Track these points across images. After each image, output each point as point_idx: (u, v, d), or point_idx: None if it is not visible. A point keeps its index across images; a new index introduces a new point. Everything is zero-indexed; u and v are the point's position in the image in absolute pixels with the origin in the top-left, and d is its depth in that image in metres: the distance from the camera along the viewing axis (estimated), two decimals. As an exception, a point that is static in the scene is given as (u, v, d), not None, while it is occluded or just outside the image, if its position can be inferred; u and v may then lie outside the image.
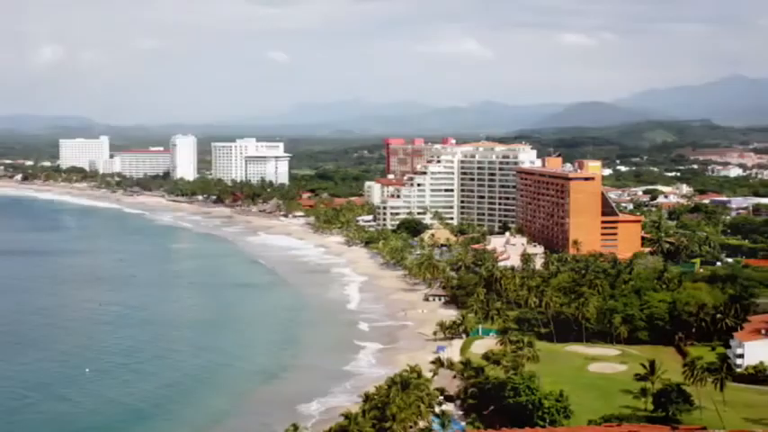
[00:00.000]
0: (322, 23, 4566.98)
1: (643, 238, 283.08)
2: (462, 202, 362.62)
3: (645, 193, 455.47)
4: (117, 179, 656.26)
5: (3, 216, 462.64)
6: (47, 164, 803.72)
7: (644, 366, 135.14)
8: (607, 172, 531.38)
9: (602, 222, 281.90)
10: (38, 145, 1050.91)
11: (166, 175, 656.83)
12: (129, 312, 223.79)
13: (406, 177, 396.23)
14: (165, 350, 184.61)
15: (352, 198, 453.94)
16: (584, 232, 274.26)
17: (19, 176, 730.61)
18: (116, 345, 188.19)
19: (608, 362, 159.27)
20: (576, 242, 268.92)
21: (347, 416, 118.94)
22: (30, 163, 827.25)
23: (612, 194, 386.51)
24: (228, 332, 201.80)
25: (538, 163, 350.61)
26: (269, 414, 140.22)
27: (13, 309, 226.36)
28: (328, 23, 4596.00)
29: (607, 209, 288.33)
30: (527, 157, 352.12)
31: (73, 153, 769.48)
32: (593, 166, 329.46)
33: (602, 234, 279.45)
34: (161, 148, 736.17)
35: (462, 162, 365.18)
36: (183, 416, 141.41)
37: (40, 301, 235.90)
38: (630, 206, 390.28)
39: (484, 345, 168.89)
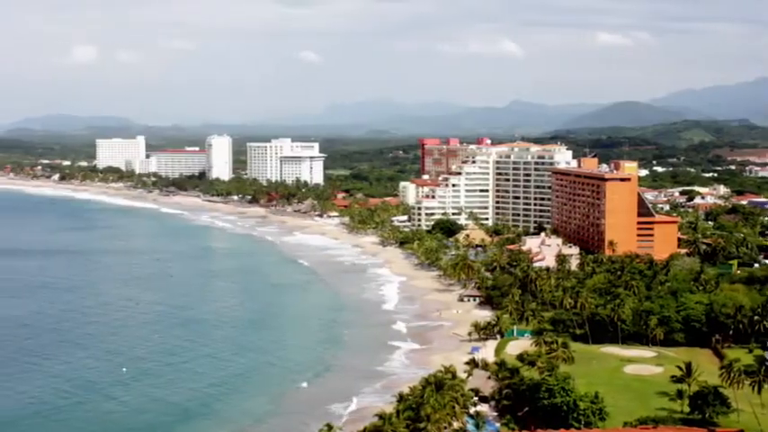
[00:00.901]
0: (352, 23, 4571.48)
1: (679, 240, 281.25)
2: (497, 202, 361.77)
3: (681, 193, 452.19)
4: (153, 179, 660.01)
5: (41, 216, 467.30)
6: (84, 164, 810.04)
7: (680, 368, 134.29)
8: (643, 172, 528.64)
9: (639, 223, 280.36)
10: (75, 145, 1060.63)
11: (202, 175, 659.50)
12: (169, 311, 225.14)
13: (441, 178, 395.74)
14: (205, 349, 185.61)
15: (387, 198, 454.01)
16: (620, 233, 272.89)
17: (56, 176, 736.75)
18: (158, 344, 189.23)
19: (644, 364, 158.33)
20: (611, 243, 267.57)
21: (381, 416, 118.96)
22: (67, 163, 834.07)
23: (649, 195, 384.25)
24: (266, 331, 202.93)
25: (573, 163, 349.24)
26: (304, 413, 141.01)
27: (54, 308, 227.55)
28: (359, 23, 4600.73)
29: (643, 210, 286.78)
30: (562, 158, 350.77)
31: (110, 153, 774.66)
32: (630, 167, 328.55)
33: (639, 235, 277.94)
34: (197, 149, 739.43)
35: (497, 162, 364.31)
36: (226, 415, 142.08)
37: (80, 301, 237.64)
38: (667, 207, 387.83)
39: (518, 346, 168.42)
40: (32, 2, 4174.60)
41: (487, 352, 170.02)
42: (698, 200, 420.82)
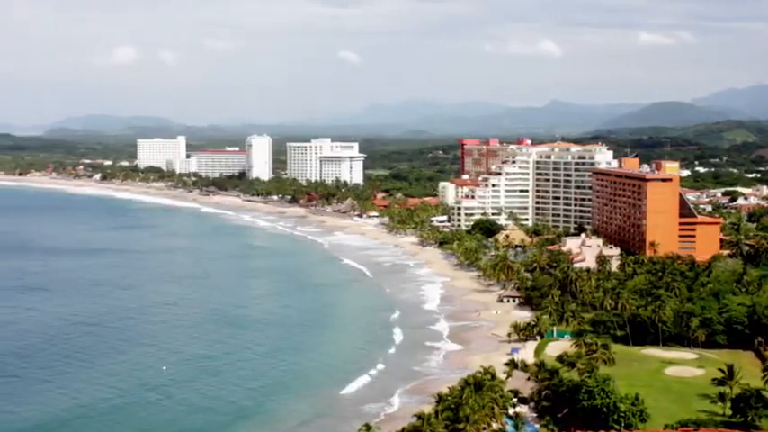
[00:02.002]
0: (391, 23, 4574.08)
1: (722, 241, 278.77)
2: (537, 202, 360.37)
3: (724, 194, 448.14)
4: (193, 179, 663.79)
5: (83, 215, 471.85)
6: (125, 163, 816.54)
7: (722, 371, 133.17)
8: (685, 173, 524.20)
9: (680, 224, 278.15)
10: (116, 145, 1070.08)
11: (242, 175, 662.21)
12: (214, 311, 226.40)
13: (480, 178, 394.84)
14: (248, 349, 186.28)
15: (427, 198, 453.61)
16: (662, 234, 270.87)
17: (98, 176, 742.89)
18: (205, 344, 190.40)
19: (685, 366, 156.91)
20: (653, 244, 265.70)
21: (420, 416, 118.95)
22: (108, 163, 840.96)
23: (691, 196, 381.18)
24: (308, 331, 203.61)
25: (614, 164, 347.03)
26: (346, 413, 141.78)
27: (99, 307, 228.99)
28: (397, 23, 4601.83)
29: (685, 210, 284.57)
30: (603, 158, 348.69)
31: (150, 153, 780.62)
32: (671, 167, 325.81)
33: (680, 236, 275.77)
34: (236, 149, 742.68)
35: (538, 163, 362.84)
36: (269, 416, 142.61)
37: (124, 300, 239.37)
38: (709, 208, 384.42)
39: (558, 347, 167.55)
40: (75, 3, 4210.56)
41: (527, 353, 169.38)
42: (740, 201, 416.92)
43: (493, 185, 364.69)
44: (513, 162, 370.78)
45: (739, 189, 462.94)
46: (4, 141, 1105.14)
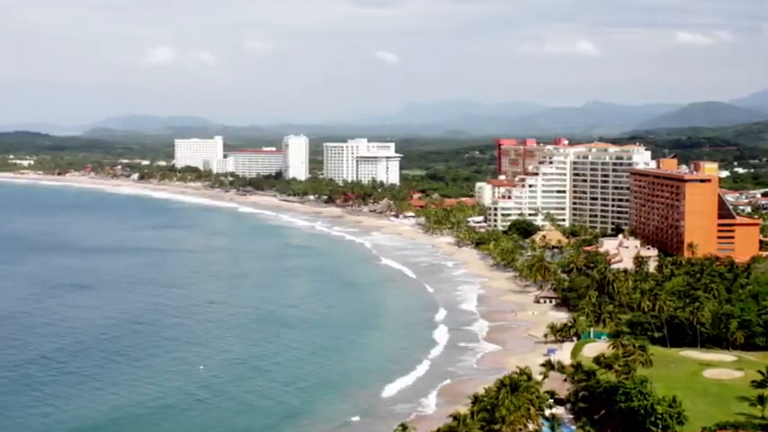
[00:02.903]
0: (428, 23, 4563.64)
1: (761, 242, 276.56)
2: (574, 203, 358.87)
3: (763, 195, 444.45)
4: (230, 179, 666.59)
5: (121, 214, 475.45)
6: (162, 163, 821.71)
7: (761, 373, 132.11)
8: (724, 174, 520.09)
9: (719, 225, 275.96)
10: (154, 145, 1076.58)
11: (279, 174, 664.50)
12: (254, 311, 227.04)
13: (517, 178, 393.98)
14: (289, 349, 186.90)
15: (463, 199, 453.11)
16: (700, 235, 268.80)
17: (135, 176, 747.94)
18: (251, 343, 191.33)
19: (723, 368, 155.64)
20: (691, 245, 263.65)
21: (456, 417, 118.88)
22: (146, 162, 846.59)
23: (729, 197, 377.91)
24: (346, 330, 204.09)
25: (652, 164, 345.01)
26: (385, 413, 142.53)
27: (146, 306, 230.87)
28: (436, 23, 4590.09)
29: (724, 211, 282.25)
30: (641, 159, 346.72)
31: (188, 153, 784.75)
32: (710, 168, 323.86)
33: (719, 237, 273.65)
34: (273, 149, 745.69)
35: (575, 163, 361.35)
36: (311, 416, 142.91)
37: (165, 299, 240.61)
38: (748, 209, 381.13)
39: (595, 348, 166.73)
40: (114, 4, 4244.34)
41: (563, 354, 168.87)
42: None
43: (530, 186, 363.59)
44: (550, 162, 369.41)
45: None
46: (44, 141, 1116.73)
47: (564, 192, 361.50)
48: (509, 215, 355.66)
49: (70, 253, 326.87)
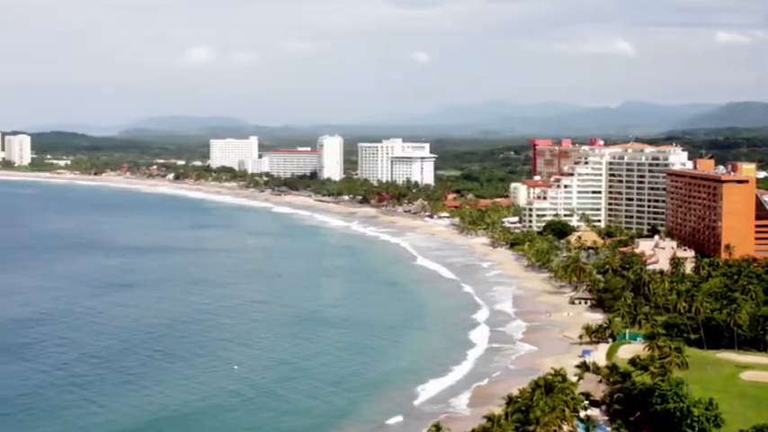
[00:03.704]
0: (462, 24, 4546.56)
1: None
2: (610, 204, 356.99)
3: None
4: (265, 179, 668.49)
5: (158, 214, 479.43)
6: (198, 163, 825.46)
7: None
8: (762, 174, 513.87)
9: (757, 226, 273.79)
10: (190, 145, 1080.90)
11: (313, 175, 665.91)
12: (291, 311, 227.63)
13: (552, 179, 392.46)
14: (326, 349, 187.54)
15: (498, 199, 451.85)
16: (738, 236, 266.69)
17: (171, 176, 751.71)
18: (294, 343, 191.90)
19: (762, 370, 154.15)
20: (728, 246, 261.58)
21: (490, 418, 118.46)
22: (182, 162, 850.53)
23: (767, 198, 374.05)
24: (382, 330, 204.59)
25: (689, 165, 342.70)
26: (421, 414, 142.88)
27: (190, 305, 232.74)
28: (468, 24, 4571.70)
29: (762, 212, 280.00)
30: (678, 159, 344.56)
31: (223, 153, 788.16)
32: (748, 169, 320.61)
33: (757, 238, 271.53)
34: (308, 149, 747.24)
35: (611, 164, 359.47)
36: (350, 417, 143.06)
37: (204, 299, 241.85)
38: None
39: (631, 350, 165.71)
40: (151, 4, 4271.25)
41: (599, 355, 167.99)
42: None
43: (565, 186, 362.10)
44: (586, 163, 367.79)
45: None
46: (81, 142, 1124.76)
47: (599, 192, 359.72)
48: (544, 216, 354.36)
49: (109, 252, 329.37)
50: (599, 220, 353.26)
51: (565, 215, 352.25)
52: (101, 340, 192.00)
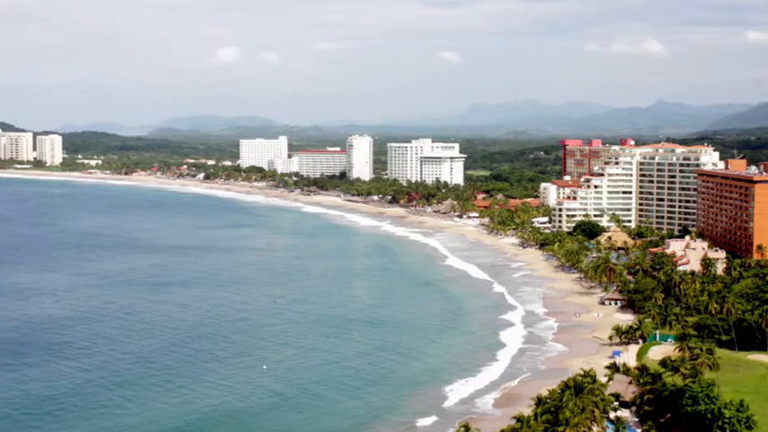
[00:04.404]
0: (492, 24, 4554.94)
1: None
2: (641, 204, 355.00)
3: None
4: (294, 178, 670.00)
5: (188, 213, 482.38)
6: (227, 163, 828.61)
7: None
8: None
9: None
10: (219, 145, 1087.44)
11: (342, 175, 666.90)
12: (323, 310, 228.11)
13: (582, 179, 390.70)
14: (358, 349, 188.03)
15: (528, 200, 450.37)
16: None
17: (201, 175, 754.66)
18: (332, 343, 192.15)
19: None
20: (760, 247, 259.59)
21: (519, 418, 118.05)
22: (211, 162, 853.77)
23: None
24: (411, 330, 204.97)
25: (720, 165, 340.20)
26: (448, 413, 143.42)
27: (222, 306, 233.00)
28: (498, 23, 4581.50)
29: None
30: (709, 159, 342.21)
31: (252, 153, 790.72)
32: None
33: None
34: (338, 149, 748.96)
35: (641, 164, 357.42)
36: (392, 417, 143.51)
37: (236, 298, 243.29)
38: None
39: (661, 351, 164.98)
40: (181, 5, 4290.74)
41: (629, 356, 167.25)
42: None
43: (595, 187, 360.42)
44: (616, 163, 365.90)
45: None
46: (111, 141, 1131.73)
47: (630, 193, 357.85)
48: (574, 216, 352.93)
49: (143, 251, 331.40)
50: (629, 221, 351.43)
51: (595, 215, 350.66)
52: (138, 339, 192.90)
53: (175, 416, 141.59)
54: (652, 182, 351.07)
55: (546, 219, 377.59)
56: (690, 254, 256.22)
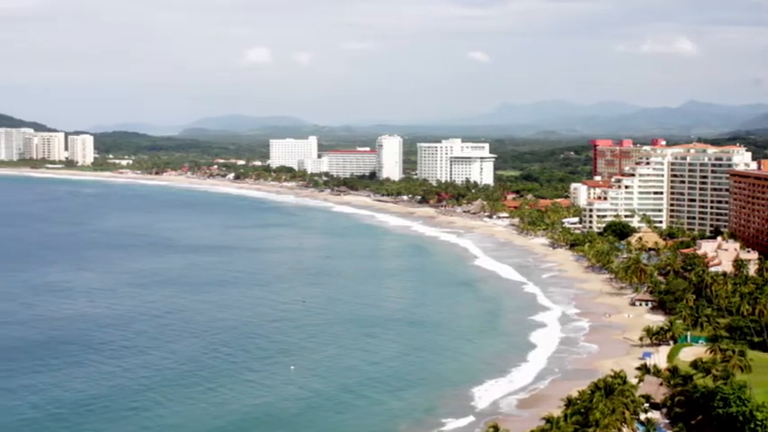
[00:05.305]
0: (521, 23, 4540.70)
1: None
2: (672, 205, 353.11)
3: None
4: (324, 178, 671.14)
5: (218, 213, 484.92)
6: (257, 163, 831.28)
7: None
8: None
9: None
10: (250, 145, 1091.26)
11: (372, 174, 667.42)
12: (351, 310, 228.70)
13: (613, 179, 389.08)
14: (388, 349, 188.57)
15: (558, 200, 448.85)
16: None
17: (231, 175, 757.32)
18: (377, 343, 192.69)
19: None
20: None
21: (549, 419, 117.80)
22: (242, 162, 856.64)
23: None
24: (447, 331, 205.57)
25: (753, 165, 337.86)
26: (478, 413, 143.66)
27: (261, 306, 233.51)
28: (527, 23, 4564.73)
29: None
30: (741, 159, 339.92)
31: (282, 153, 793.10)
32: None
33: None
34: (367, 149, 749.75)
35: (672, 164, 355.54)
36: (427, 418, 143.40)
37: (266, 297, 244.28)
38: None
39: (692, 352, 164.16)
40: (211, 5, 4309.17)
41: (659, 358, 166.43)
42: None
43: (626, 187, 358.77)
44: (647, 163, 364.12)
45: None
46: (142, 142, 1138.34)
47: (661, 193, 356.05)
48: (604, 216, 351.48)
49: (176, 250, 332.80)
50: (660, 221, 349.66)
51: (625, 216, 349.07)
52: (179, 339, 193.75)
53: (217, 416, 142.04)
54: (683, 182, 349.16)
55: (576, 219, 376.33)
56: (722, 255, 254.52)
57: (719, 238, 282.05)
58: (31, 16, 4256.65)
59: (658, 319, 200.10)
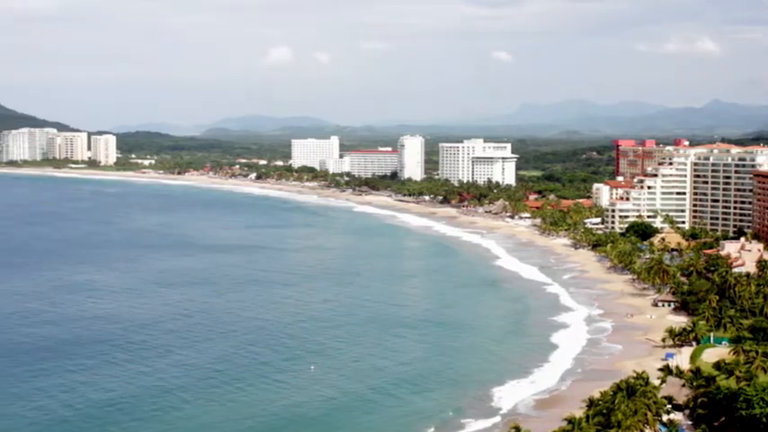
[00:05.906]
0: (543, 23, 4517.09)
1: None
2: (695, 205, 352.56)
3: None
4: (346, 178, 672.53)
5: (241, 213, 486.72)
6: (279, 163, 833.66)
7: None
8: None
9: None
10: (271, 145, 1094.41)
11: (394, 175, 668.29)
12: (389, 308, 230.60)
13: (635, 180, 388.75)
14: (409, 350, 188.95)
15: (580, 200, 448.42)
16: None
17: (253, 175, 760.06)
18: (387, 347, 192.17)
19: None
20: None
21: (571, 420, 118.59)
22: (263, 162, 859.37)
23: None
24: (464, 331, 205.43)
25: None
26: (497, 414, 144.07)
27: (286, 305, 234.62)
28: (549, 23, 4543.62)
29: None
30: (765, 160, 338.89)
31: (304, 153, 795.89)
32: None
33: None
34: (389, 149, 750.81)
35: (695, 164, 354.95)
36: (469, 416, 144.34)
37: (288, 297, 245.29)
38: None
39: (715, 353, 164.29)
40: (234, 6, 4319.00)
41: (682, 359, 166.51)
42: None
43: (648, 187, 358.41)
44: (670, 164, 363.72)
45: None
46: (164, 141, 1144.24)
47: (684, 194, 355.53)
48: (627, 217, 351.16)
49: (200, 250, 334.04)
50: (683, 222, 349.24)
51: (648, 216, 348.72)
52: (210, 338, 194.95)
53: (247, 415, 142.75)
54: (706, 183, 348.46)
55: (598, 219, 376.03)
56: (745, 255, 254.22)
57: (743, 239, 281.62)
58: (58, 17, 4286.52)
59: (681, 320, 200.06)
